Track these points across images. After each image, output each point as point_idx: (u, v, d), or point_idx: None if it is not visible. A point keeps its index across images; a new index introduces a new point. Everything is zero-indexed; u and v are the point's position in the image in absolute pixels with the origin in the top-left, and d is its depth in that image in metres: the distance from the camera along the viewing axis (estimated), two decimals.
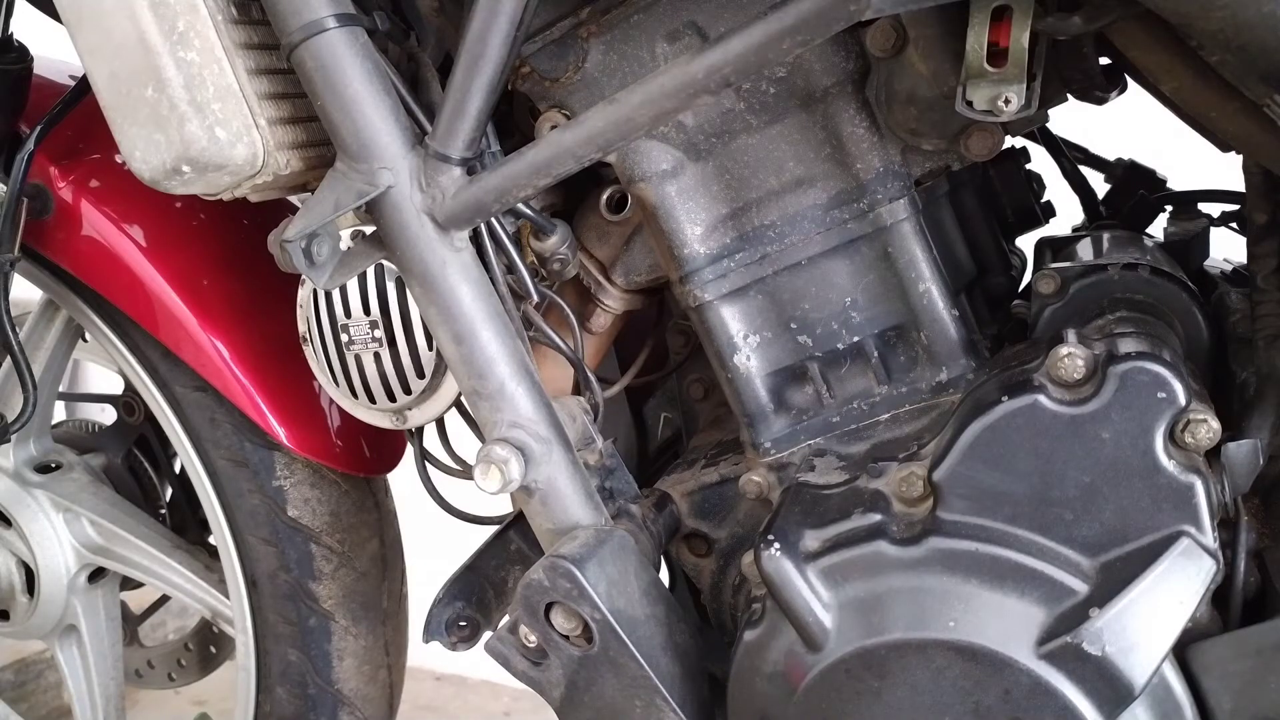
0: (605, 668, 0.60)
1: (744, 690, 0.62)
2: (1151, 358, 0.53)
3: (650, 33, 0.64)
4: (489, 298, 0.63)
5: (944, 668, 0.55)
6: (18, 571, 1.09)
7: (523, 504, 0.65)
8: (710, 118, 0.65)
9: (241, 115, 0.61)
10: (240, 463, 0.95)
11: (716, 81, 0.54)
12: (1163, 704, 0.55)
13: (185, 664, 1.26)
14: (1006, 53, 0.54)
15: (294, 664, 1.00)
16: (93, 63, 0.61)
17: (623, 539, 0.63)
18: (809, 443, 0.67)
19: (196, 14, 0.59)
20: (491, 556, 0.75)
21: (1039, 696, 0.53)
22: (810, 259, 0.65)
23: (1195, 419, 0.53)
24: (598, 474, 0.69)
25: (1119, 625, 0.52)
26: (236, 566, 0.98)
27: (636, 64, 0.65)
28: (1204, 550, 0.53)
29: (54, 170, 0.88)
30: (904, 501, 0.60)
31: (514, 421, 0.62)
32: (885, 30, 0.60)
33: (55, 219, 0.89)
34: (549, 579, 0.59)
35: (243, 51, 0.61)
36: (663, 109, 0.56)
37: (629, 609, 0.60)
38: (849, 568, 0.58)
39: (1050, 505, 0.55)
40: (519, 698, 1.92)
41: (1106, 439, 0.54)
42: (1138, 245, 0.76)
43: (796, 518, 0.60)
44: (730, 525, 0.73)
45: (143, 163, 0.62)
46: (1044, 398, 0.54)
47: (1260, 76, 0.49)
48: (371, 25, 0.61)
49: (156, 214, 0.89)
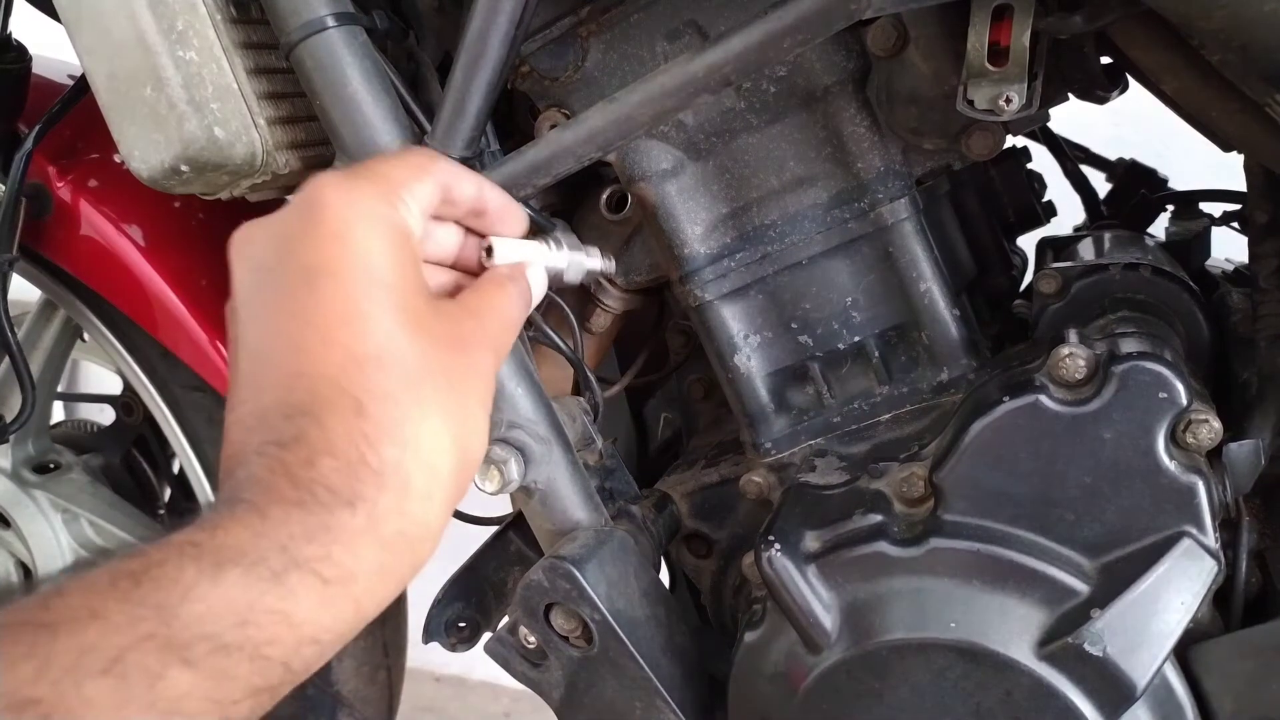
0: (605, 669, 0.60)
1: (744, 691, 0.62)
2: (1153, 358, 0.53)
3: (650, 32, 0.64)
4: None
5: (945, 669, 0.55)
6: (16, 572, 1.09)
7: (522, 504, 0.65)
8: (710, 117, 0.65)
9: (240, 115, 0.61)
10: None
11: (717, 80, 0.54)
12: (1164, 705, 0.55)
13: None
14: (1008, 52, 0.54)
15: None
16: (91, 62, 0.61)
17: (623, 540, 0.63)
18: (809, 443, 0.67)
19: (195, 13, 0.59)
20: (491, 557, 0.75)
21: (1040, 697, 0.53)
22: (811, 258, 0.65)
23: (1197, 419, 0.53)
24: (598, 474, 0.69)
25: (1120, 626, 0.52)
26: None
27: (636, 63, 0.65)
28: (1205, 551, 0.53)
29: (52, 170, 0.88)
30: (905, 502, 0.59)
31: (513, 422, 0.62)
32: (886, 29, 0.59)
33: (54, 219, 0.88)
34: (549, 580, 0.59)
35: (242, 51, 0.61)
36: (663, 108, 0.56)
37: (629, 610, 0.60)
38: (850, 569, 0.58)
39: (1051, 506, 0.55)
40: (519, 699, 1.91)
41: (1108, 439, 0.53)
42: (1139, 245, 0.76)
43: (797, 518, 0.60)
44: (730, 526, 0.72)
45: (141, 162, 0.62)
46: (1045, 398, 0.54)
47: (1261, 76, 0.49)
48: (371, 24, 0.60)
49: (155, 214, 0.89)
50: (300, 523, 0.38)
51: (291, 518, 0.38)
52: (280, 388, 0.42)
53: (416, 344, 0.43)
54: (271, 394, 0.42)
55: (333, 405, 0.41)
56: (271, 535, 0.38)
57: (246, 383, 0.43)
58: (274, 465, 0.40)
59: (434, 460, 0.43)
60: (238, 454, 0.41)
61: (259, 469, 0.40)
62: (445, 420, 0.44)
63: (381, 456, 0.41)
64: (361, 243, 0.44)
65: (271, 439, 0.40)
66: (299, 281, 0.43)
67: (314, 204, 0.44)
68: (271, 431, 0.41)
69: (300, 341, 0.42)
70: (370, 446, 0.41)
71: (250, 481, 0.39)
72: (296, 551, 0.38)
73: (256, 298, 0.45)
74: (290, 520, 0.38)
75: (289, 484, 0.39)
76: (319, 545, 0.38)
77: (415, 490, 0.42)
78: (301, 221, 0.44)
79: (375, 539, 0.40)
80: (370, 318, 0.43)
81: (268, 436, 0.41)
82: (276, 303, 0.44)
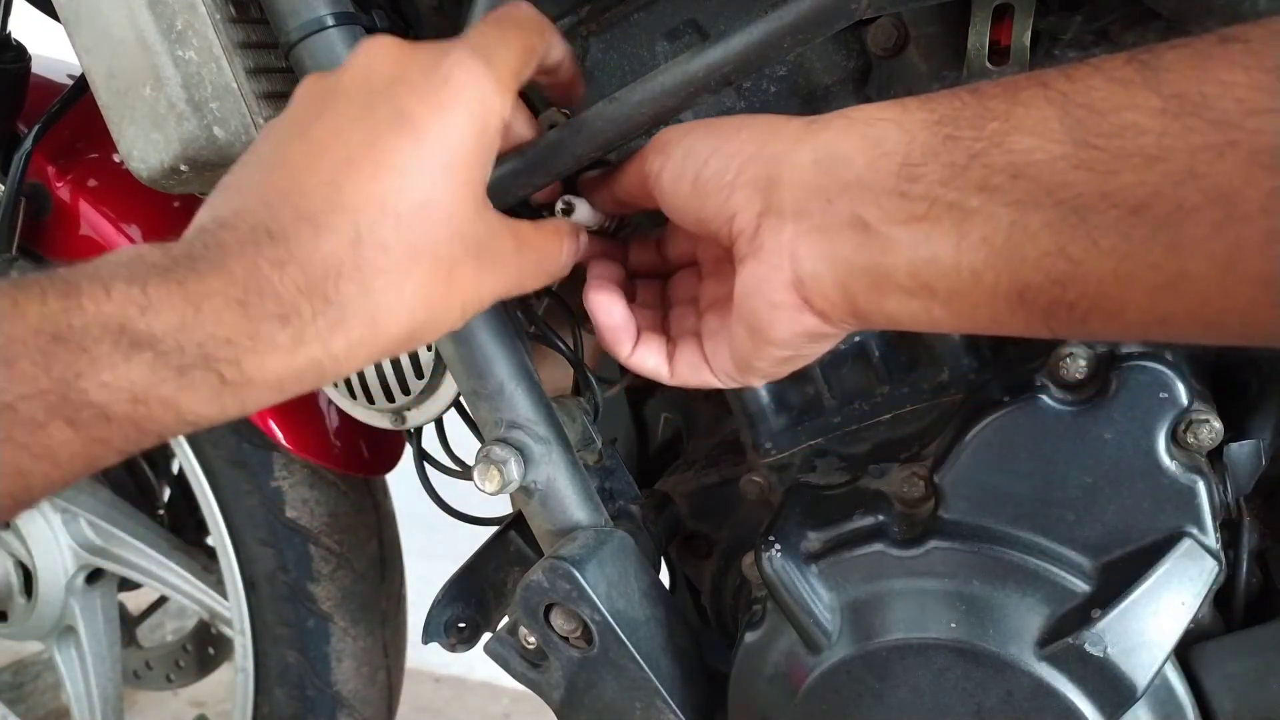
0: (605, 669, 0.60)
1: (745, 692, 0.62)
2: (1153, 358, 0.53)
3: (650, 31, 0.64)
4: None
5: (945, 669, 0.55)
6: (16, 573, 1.09)
7: (522, 505, 0.65)
8: (711, 116, 0.65)
9: (240, 114, 0.61)
10: (238, 463, 0.95)
11: (717, 80, 0.54)
12: (1165, 705, 0.55)
13: (183, 665, 1.26)
14: (1008, 51, 0.54)
15: (292, 665, 1.00)
16: (90, 62, 0.61)
17: (623, 540, 0.62)
18: (810, 443, 0.67)
19: (195, 12, 0.59)
20: (491, 558, 0.75)
21: (1041, 698, 0.53)
22: None
23: (1197, 419, 0.53)
24: (598, 474, 0.69)
25: (1121, 626, 0.52)
26: (234, 567, 0.98)
27: (636, 62, 0.65)
28: (1206, 551, 0.53)
29: (52, 170, 0.88)
30: (905, 502, 0.59)
31: (513, 422, 0.62)
32: (886, 29, 0.59)
33: (53, 218, 0.88)
34: (548, 580, 0.58)
35: (241, 50, 0.61)
36: (663, 107, 0.56)
37: (629, 610, 0.60)
38: (850, 569, 0.58)
39: (1052, 506, 0.55)
40: (519, 699, 1.92)
41: (1108, 439, 0.53)
42: None
43: (797, 519, 0.60)
44: (730, 526, 0.72)
45: (140, 162, 0.62)
46: (1046, 398, 0.54)
47: None
48: (370, 24, 0.60)
49: (154, 213, 0.89)
50: (230, 325, 0.39)
51: (223, 320, 0.39)
52: (309, 186, 0.42)
53: (443, 228, 0.44)
54: (299, 183, 0.43)
55: (338, 227, 0.41)
56: (195, 331, 0.38)
57: (290, 158, 0.44)
58: (247, 249, 0.40)
59: (382, 320, 0.43)
60: (235, 213, 0.42)
61: (232, 244, 0.40)
62: (419, 298, 0.44)
63: (340, 290, 0.41)
64: (456, 128, 0.45)
65: (269, 222, 0.41)
66: (388, 117, 0.44)
67: (442, 76, 0.45)
68: (274, 217, 0.41)
69: (355, 160, 0.43)
70: (340, 277, 0.41)
71: (216, 249, 0.40)
72: (212, 350, 0.39)
73: (343, 101, 0.45)
74: (221, 321, 0.39)
75: (245, 275, 0.39)
76: (233, 349, 0.39)
77: (349, 334, 0.42)
78: (422, 80, 0.45)
79: (288, 359, 0.40)
80: (421, 189, 0.43)
81: (268, 219, 0.41)
82: (357, 117, 0.44)
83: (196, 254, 0.40)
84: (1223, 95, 0.32)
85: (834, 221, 0.42)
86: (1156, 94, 0.33)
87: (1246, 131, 0.31)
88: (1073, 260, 0.35)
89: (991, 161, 0.37)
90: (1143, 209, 0.33)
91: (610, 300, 0.53)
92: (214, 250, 0.40)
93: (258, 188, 0.43)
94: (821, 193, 0.42)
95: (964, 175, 0.38)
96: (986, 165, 0.37)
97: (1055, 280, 0.36)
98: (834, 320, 0.44)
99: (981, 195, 0.37)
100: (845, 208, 0.41)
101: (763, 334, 0.46)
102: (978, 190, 0.37)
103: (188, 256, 0.39)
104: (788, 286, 0.44)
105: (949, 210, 0.38)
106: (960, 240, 0.38)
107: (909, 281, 0.40)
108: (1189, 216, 0.32)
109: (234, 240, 0.40)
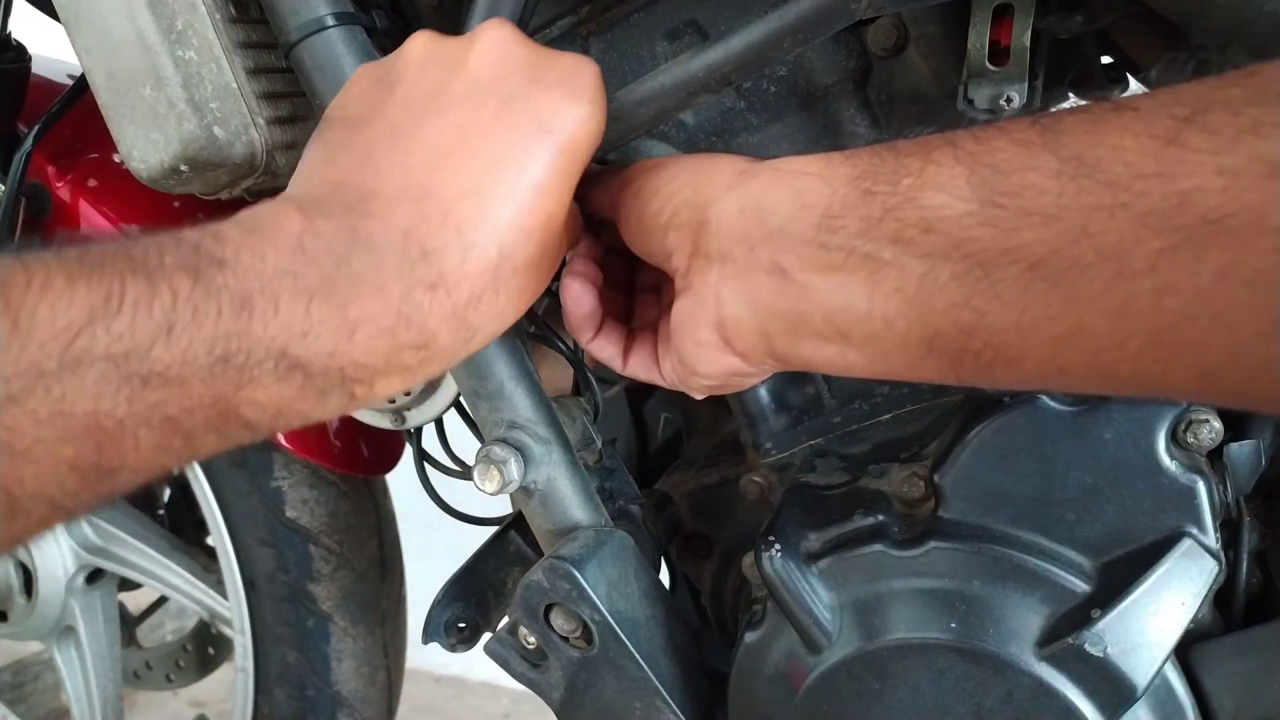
0: (605, 669, 0.60)
1: (745, 692, 0.62)
2: None
3: (650, 31, 0.64)
4: None
5: (945, 669, 0.55)
6: (16, 573, 1.09)
7: (522, 505, 0.65)
8: (711, 116, 0.65)
9: (240, 114, 0.61)
10: (238, 463, 0.94)
11: (717, 80, 0.54)
12: (1165, 705, 0.55)
13: (183, 665, 1.26)
14: (1008, 51, 0.54)
15: (292, 665, 1.00)
16: (90, 61, 0.61)
17: (623, 540, 0.62)
18: (810, 443, 0.67)
19: (195, 12, 0.59)
20: (491, 558, 0.74)
21: (1041, 698, 0.53)
22: None
23: (1197, 419, 0.53)
24: (598, 474, 0.69)
25: (1121, 626, 0.52)
26: (234, 567, 0.98)
27: (636, 62, 0.65)
28: (1206, 551, 0.53)
29: (52, 170, 0.88)
30: (905, 503, 0.59)
31: (513, 422, 0.62)
32: (886, 29, 0.59)
33: (53, 218, 0.88)
34: (548, 580, 0.58)
35: (241, 50, 0.61)
36: (663, 107, 0.56)
37: (629, 610, 0.60)
38: (850, 569, 0.58)
39: (1052, 506, 0.55)
40: (519, 699, 1.92)
41: (1109, 439, 0.53)
42: None
43: (797, 519, 0.60)
44: (731, 526, 0.72)
45: (140, 162, 0.62)
46: (1046, 398, 0.54)
47: None
48: (370, 24, 0.60)
49: (154, 213, 0.89)
50: (376, 354, 0.41)
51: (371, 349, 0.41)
52: (454, 190, 0.44)
53: (553, 241, 0.47)
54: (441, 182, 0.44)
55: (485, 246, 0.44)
56: (343, 358, 0.41)
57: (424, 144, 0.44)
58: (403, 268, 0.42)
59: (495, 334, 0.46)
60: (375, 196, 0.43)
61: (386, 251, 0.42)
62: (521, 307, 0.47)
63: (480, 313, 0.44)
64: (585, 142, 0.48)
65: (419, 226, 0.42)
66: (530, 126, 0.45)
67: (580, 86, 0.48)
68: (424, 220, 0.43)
69: (497, 167, 0.44)
70: (480, 301, 0.44)
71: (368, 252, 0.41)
72: (353, 374, 0.41)
73: (479, 94, 0.46)
74: (369, 351, 0.41)
75: (400, 299, 0.41)
76: (369, 372, 0.42)
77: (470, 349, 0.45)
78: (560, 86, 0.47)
79: (410, 379, 0.43)
80: (549, 206, 0.46)
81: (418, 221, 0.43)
82: (495, 119, 0.45)
83: (353, 256, 0.41)
84: (1114, 159, 0.33)
85: (755, 267, 0.43)
86: (1055, 156, 0.35)
87: (1134, 194, 0.32)
88: (978, 311, 0.36)
89: (904, 216, 0.38)
90: (1041, 265, 0.34)
91: (583, 290, 0.54)
92: (368, 254, 0.41)
93: (397, 173, 0.44)
94: (745, 239, 0.43)
95: (879, 228, 0.39)
96: (900, 219, 0.38)
97: (962, 330, 0.37)
98: (753, 361, 0.46)
99: (895, 247, 0.38)
100: (766, 255, 0.43)
101: (689, 366, 0.48)
102: (891, 243, 0.38)
103: (345, 257, 0.41)
104: (711, 326, 0.45)
105: (864, 261, 0.39)
106: (874, 289, 0.39)
107: (825, 327, 0.42)
108: (1084, 273, 0.33)
109: (385, 243, 0.42)
